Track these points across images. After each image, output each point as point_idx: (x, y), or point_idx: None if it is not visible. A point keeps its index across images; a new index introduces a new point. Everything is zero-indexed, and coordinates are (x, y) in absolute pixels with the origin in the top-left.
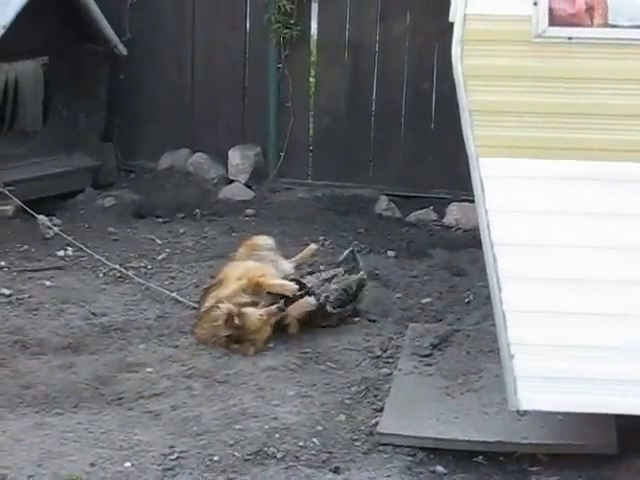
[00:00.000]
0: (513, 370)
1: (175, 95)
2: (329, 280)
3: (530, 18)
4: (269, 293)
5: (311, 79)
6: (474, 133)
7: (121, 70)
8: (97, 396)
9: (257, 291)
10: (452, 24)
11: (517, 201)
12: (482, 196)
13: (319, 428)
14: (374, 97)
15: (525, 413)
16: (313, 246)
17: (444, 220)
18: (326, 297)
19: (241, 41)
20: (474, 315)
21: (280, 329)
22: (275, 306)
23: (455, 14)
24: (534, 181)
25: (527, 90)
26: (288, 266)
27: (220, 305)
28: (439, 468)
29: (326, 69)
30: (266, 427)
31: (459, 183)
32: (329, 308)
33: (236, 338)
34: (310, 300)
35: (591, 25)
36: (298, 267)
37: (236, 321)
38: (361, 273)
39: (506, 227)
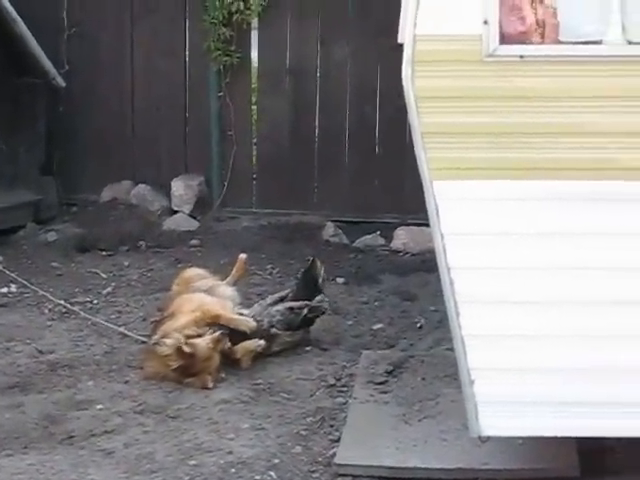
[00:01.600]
0: (474, 396)
1: (116, 126)
2: (274, 304)
3: (481, 37)
4: (222, 326)
5: (253, 106)
6: (427, 156)
7: (60, 102)
8: (47, 436)
9: (212, 324)
10: (400, 45)
11: (472, 224)
12: (437, 220)
13: (275, 461)
14: (317, 122)
15: (487, 439)
16: (242, 255)
17: (392, 245)
18: (269, 321)
19: (181, 69)
20: (427, 340)
21: (231, 363)
22: (219, 332)
23: (404, 35)
24: (489, 203)
25: (480, 110)
26: (229, 290)
27: (165, 339)
28: None
29: (268, 96)
30: (221, 462)
31: (406, 207)
32: (274, 330)
33: (186, 370)
34: (259, 342)
35: (542, 42)
36: (236, 284)
37: (186, 349)
38: (318, 298)
39: (462, 250)
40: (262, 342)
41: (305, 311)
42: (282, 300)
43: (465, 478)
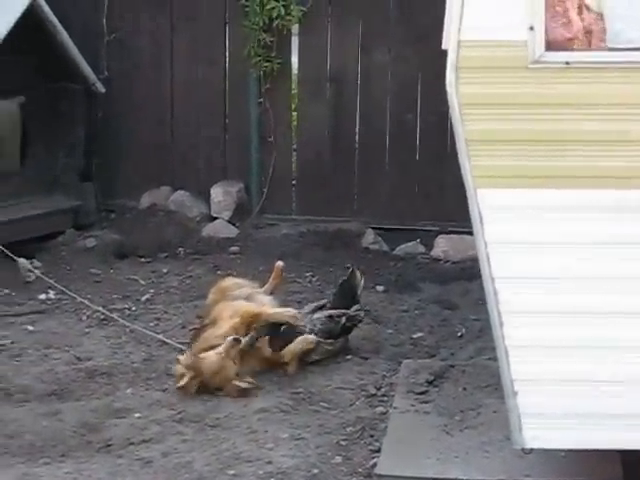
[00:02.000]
0: (517, 407)
1: (155, 132)
2: (313, 312)
3: (526, 43)
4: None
5: (293, 113)
6: (471, 163)
7: (99, 108)
8: (85, 444)
9: (252, 325)
10: (444, 51)
11: (518, 232)
12: (481, 228)
13: (315, 471)
14: (357, 129)
15: (530, 451)
16: (280, 263)
17: (432, 253)
18: (311, 329)
19: (221, 75)
20: (468, 349)
21: (277, 369)
22: (231, 337)
23: (448, 41)
24: (534, 211)
25: (525, 117)
26: (267, 298)
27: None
28: None
29: (308, 102)
30: (260, 472)
31: (446, 214)
32: (315, 338)
33: (206, 383)
34: (310, 337)
35: (589, 49)
36: (274, 292)
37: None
38: (355, 307)
39: (506, 259)
40: (312, 337)
41: (344, 320)
42: (320, 309)
43: None
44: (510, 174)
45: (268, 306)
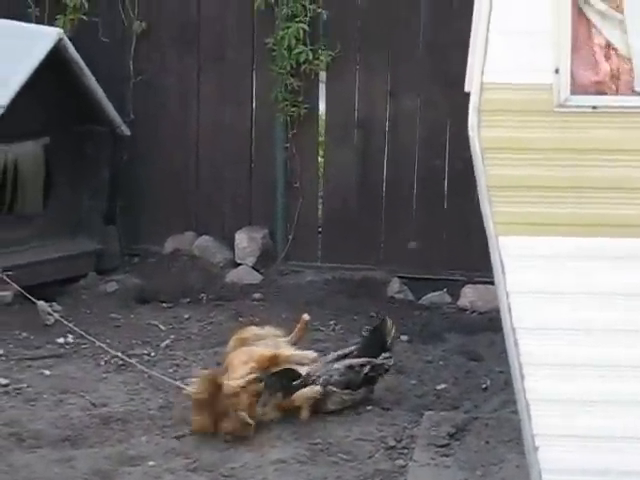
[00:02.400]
0: (538, 463)
1: (180, 176)
2: (335, 361)
3: (551, 86)
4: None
5: (320, 158)
6: (493, 210)
7: (124, 151)
8: None
9: (271, 367)
10: (468, 94)
11: (540, 282)
12: (502, 277)
13: None
14: (384, 176)
15: None
16: (305, 316)
17: (459, 303)
18: (325, 379)
19: (247, 119)
20: (492, 402)
21: (290, 414)
22: (253, 375)
23: (471, 83)
24: (558, 261)
25: (549, 163)
26: (288, 348)
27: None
28: None
29: (335, 148)
30: None
31: (474, 264)
32: (330, 388)
33: (214, 406)
34: (316, 389)
35: (616, 93)
36: (297, 343)
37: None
38: (383, 356)
39: (529, 310)
40: (318, 388)
41: (367, 369)
42: (345, 357)
43: None
44: (532, 221)
45: (286, 349)
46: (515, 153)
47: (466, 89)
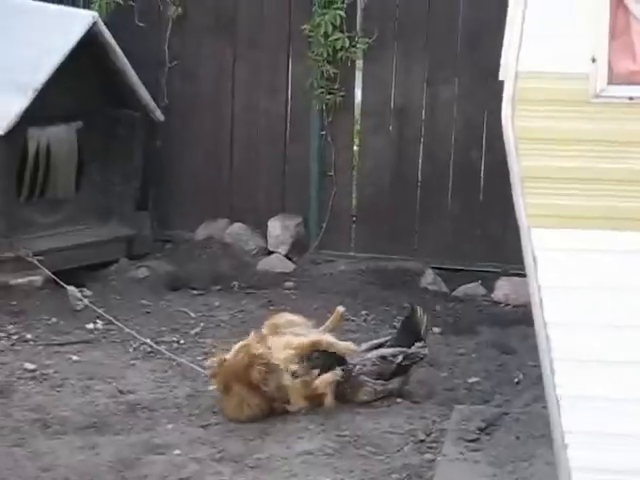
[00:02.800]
0: (567, 461)
1: (213, 163)
2: (369, 350)
3: (588, 76)
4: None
5: (355, 147)
6: (526, 201)
7: (158, 136)
8: None
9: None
10: (502, 83)
11: (573, 276)
12: (534, 270)
13: None
14: (420, 166)
15: None
16: (340, 308)
17: (493, 295)
18: (359, 369)
19: (282, 107)
20: (524, 397)
21: (315, 403)
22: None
23: (506, 72)
24: (592, 254)
25: (584, 155)
26: (329, 336)
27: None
28: None
29: (370, 136)
30: None
31: (508, 256)
32: (363, 378)
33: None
34: (337, 372)
35: None
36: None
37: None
38: (416, 345)
39: (561, 304)
40: (339, 371)
41: (400, 358)
42: (379, 347)
43: None
44: (566, 214)
45: (328, 336)
46: (549, 144)
47: (500, 77)
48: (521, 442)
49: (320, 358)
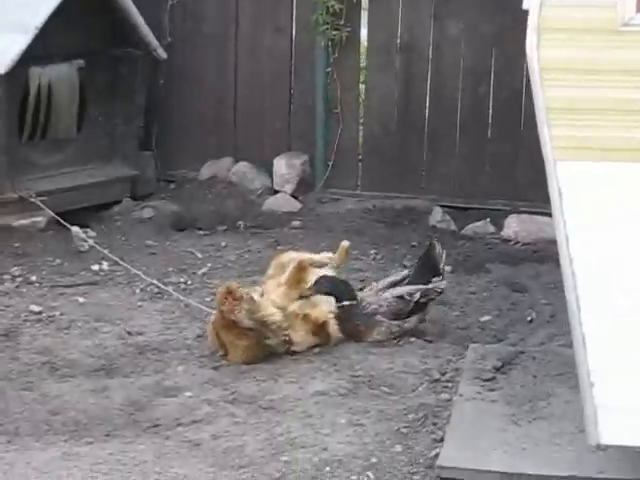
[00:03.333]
0: (593, 400)
1: (218, 101)
2: (387, 288)
3: (616, 4)
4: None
5: (361, 84)
6: (551, 133)
7: (161, 75)
8: (131, 423)
9: (301, 278)
10: (521, 22)
11: (601, 210)
12: (560, 205)
13: (374, 460)
14: (427, 103)
15: (605, 448)
16: (345, 243)
17: (502, 233)
18: (374, 308)
19: (287, 44)
20: (539, 335)
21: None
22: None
23: (530, 0)
24: (620, 188)
25: (612, 85)
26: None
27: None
28: None
29: (377, 74)
30: (315, 459)
31: (518, 194)
32: (378, 318)
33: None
34: (330, 301)
35: None
36: (336, 270)
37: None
38: (435, 280)
39: (587, 240)
40: (332, 300)
41: (417, 296)
42: (396, 285)
43: None
44: (593, 146)
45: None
46: (576, 74)
47: (524, 6)
48: (538, 381)
49: (329, 284)
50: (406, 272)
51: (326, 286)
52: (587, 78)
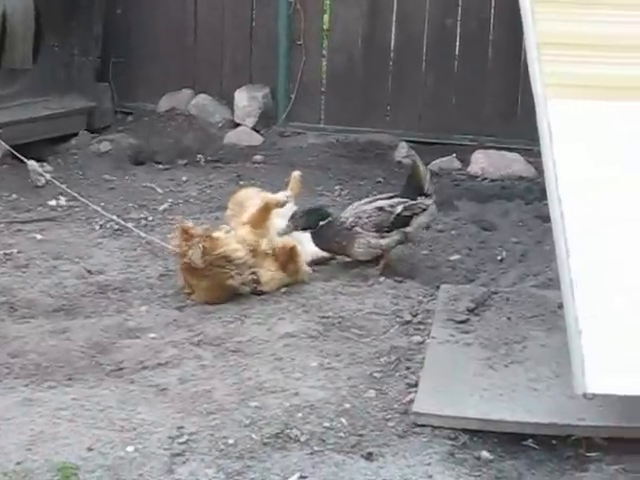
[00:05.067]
0: (581, 348)
1: (176, 31)
2: (367, 203)
3: None
4: None
5: (324, 15)
6: (542, 69)
7: (118, 4)
8: (94, 366)
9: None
10: None
11: (591, 150)
12: (550, 144)
13: (347, 406)
14: (393, 34)
15: (593, 397)
16: (296, 173)
17: (469, 169)
18: (353, 221)
19: None
20: (510, 275)
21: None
22: None
23: None
24: (612, 126)
25: (606, 20)
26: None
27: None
28: (484, 454)
29: (341, 3)
30: (287, 404)
31: (484, 128)
32: (356, 230)
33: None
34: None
35: None
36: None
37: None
38: (419, 198)
39: (578, 180)
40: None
41: (399, 209)
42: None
43: (559, 435)
44: (586, 83)
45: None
46: (568, 7)
47: None
48: (513, 323)
49: (305, 217)
50: (392, 194)
51: (301, 217)
52: (580, 12)
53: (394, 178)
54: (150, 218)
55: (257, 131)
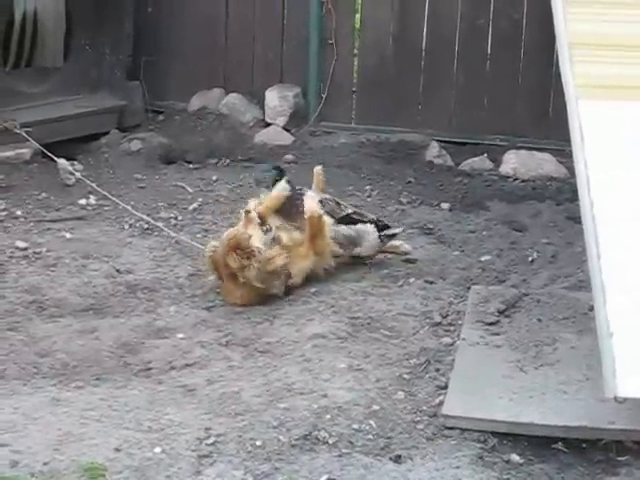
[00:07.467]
0: (612, 350)
1: (208, 30)
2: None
3: None
4: None
5: (356, 14)
6: (574, 70)
7: (149, 2)
8: (122, 366)
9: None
10: None
11: (624, 151)
12: (581, 145)
13: (375, 408)
14: (424, 34)
15: (624, 401)
16: (318, 168)
17: (500, 169)
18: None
19: None
20: (541, 276)
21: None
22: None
23: None
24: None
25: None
26: None
27: None
28: (514, 457)
29: (372, 3)
30: (315, 406)
31: (516, 129)
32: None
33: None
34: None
35: None
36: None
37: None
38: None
39: (610, 181)
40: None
41: (349, 210)
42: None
43: (589, 438)
44: (619, 84)
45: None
46: (602, 7)
47: None
48: (543, 325)
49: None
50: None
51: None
52: (613, 12)
53: (425, 178)
54: (180, 217)
55: (288, 130)
